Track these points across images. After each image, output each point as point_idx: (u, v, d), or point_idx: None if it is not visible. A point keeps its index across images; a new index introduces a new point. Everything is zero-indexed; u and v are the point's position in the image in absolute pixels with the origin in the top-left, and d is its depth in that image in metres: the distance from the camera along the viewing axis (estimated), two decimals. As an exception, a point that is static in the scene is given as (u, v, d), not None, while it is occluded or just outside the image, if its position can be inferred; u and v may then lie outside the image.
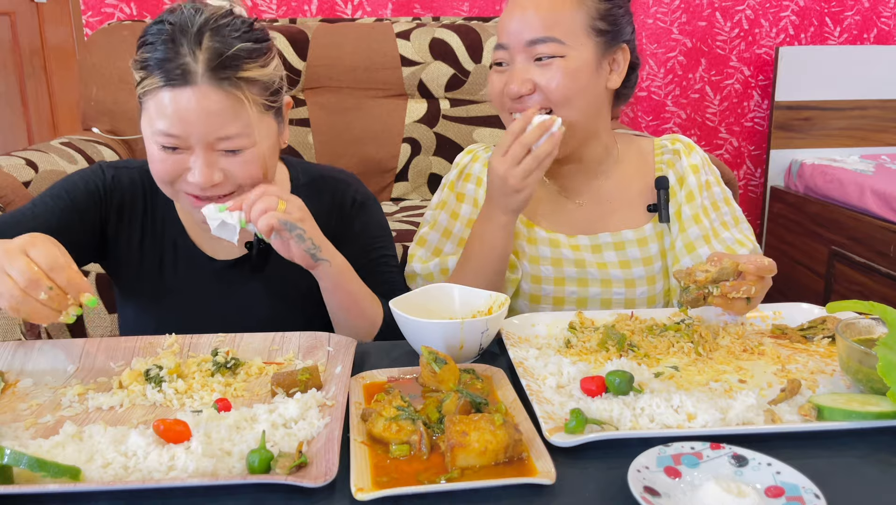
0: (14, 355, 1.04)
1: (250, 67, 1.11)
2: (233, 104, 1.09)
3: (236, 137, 1.10)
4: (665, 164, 1.38)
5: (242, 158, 1.12)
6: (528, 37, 1.24)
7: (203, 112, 1.07)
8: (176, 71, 1.07)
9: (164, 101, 1.08)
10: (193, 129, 1.08)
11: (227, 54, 1.08)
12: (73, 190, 1.24)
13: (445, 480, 0.73)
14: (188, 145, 1.10)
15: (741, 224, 1.39)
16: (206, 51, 1.08)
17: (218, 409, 0.88)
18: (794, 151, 3.26)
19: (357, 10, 2.95)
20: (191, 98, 1.07)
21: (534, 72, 1.25)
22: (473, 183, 1.41)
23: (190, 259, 1.28)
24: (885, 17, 3.29)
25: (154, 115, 1.09)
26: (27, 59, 3.32)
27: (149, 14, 2.82)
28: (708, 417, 0.82)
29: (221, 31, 1.10)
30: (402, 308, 1.04)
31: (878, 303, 0.93)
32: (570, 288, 1.34)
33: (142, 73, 1.11)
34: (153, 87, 1.09)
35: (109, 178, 1.27)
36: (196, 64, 1.07)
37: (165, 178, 1.13)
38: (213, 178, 1.11)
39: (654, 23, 3.14)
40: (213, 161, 1.11)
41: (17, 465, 0.72)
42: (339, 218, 1.32)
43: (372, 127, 2.67)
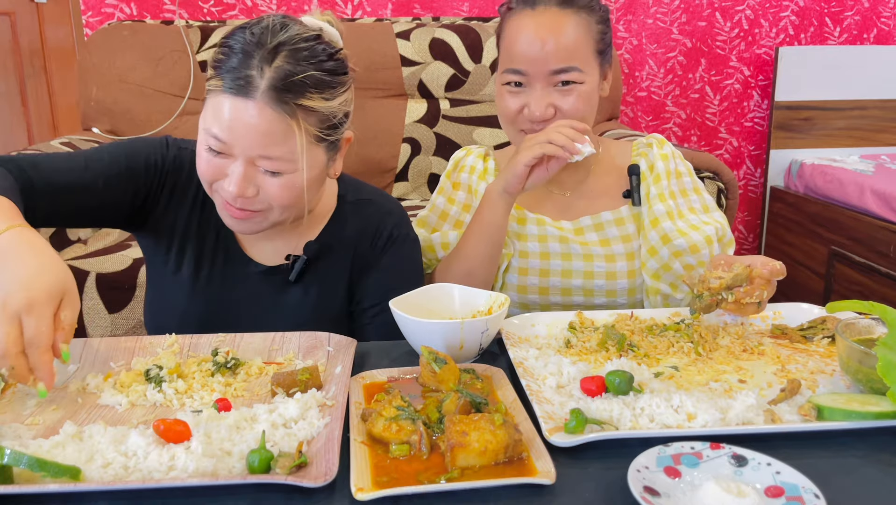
0: (14, 355, 1.04)
1: (313, 97, 1.10)
2: (284, 129, 1.08)
3: (278, 160, 1.10)
4: (639, 155, 1.48)
5: (280, 182, 1.12)
6: (552, 67, 1.30)
7: (252, 127, 1.08)
8: (239, 81, 1.07)
9: (220, 105, 1.09)
10: (239, 140, 1.09)
11: (293, 79, 1.07)
12: (133, 157, 1.23)
13: (445, 480, 0.73)
14: (231, 153, 1.10)
15: (712, 213, 1.45)
16: (274, 69, 1.07)
17: (218, 409, 0.88)
18: (794, 151, 3.26)
19: (357, 10, 2.95)
20: (245, 110, 1.07)
21: (554, 96, 1.32)
22: (467, 172, 1.52)
23: (228, 254, 1.29)
24: (885, 17, 3.29)
25: (209, 115, 1.11)
26: (27, 59, 3.32)
27: (148, 14, 2.82)
28: (708, 417, 0.83)
29: (297, 54, 1.09)
30: (402, 308, 1.04)
31: (878, 303, 0.93)
32: (554, 262, 1.41)
33: (212, 72, 1.12)
34: (216, 89, 1.10)
35: (172, 156, 1.27)
36: (260, 79, 1.07)
37: (205, 177, 1.15)
38: (245, 192, 1.11)
39: (654, 23, 3.14)
40: (251, 175, 1.11)
41: (18, 465, 0.72)
42: (369, 245, 1.30)
43: (372, 127, 2.67)
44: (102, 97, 2.54)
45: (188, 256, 1.28)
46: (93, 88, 2.55)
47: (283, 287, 1.28)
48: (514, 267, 1.43)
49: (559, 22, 1.30)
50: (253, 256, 1.29)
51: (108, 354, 1.06)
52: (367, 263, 1.29)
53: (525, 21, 1.32)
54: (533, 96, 1.33)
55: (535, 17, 1.31)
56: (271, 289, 1.28)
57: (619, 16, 3.11)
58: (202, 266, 1.28)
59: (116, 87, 2.53)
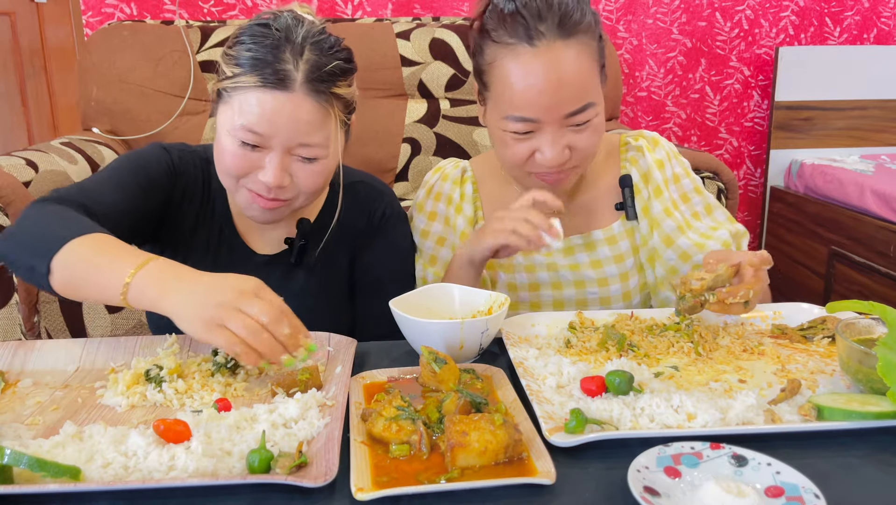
0: (14, 355, 1.04)
1: (341, 85, 1.18)
2: (322, 116, 1.15)
3: (316, 147, 1.15)
4: (629, 162, 1.38)
5: (313, 168, 1.17)
6: (566, 110, 1.18)
7: (293, 119, 1.12)
8: (275, 75, 1.11)
9: (253, 101, 1.12)
10: (280, 132, 1.12)
11: (325, 69, 1.14)
12: (151, 168, 1.25)
13: (445, 480, 0.73)
14: (268, 145, 1.14)
15: (714, 212, 1.38)
16: (306, 62, 1.13)
17: (218, 409, 0.88)
18: (794, 151, 3.26)
19: (357, 10, 2.95)
20: (285, 103, 1.11)
21: (569, 137, 1.21)
22: (444, 202, 1.41)
23: (231, 248, 1.32)
24: (885, 17, 3.29)
25: (240, 112, 1.12)
26: (27, 59, 3.32)
27: (149, 14, 2.81)
28: (708, 417, 0.83)
29: (321, 46, 1.15)
30: (402, 308, 1.04)
31: (878, 303, 0.93)
32: (545, 292, 1.37)
33: (235, 69, 1.14)
34: (246, 86, 1.12)
35: (177, 158, 1.30)
36: (297, 72, 1.12)
37: (234, 171, 1.16)
38: (283, 181, 1.15)
39: (654, 23, 3.14)
40: (288, 164, 1.16)
41: (18, 465, 0.72)
42: (366, 226, 1.35)
43: (372, 127, 2.67)
44: (102, 97, 2.54)
45: (195, 254, 1.31)
46: (93, 88, 2.54)
47: (287, 274, 1.32)
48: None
49: (566, 58, 1.16)
50: (255, 247, 1.33)
51: (108, 354, 1.06)
52: (366, 240, 1.35)
53: (526, 61, 1.16)
54: (545, 141, 1.20)
55: (538, 57, 1.16)
56: (276, 277, 1.29)
57: (619, 16, 3.11)
58: (207, 263, 1.30)
59: (116, 87, 2.53)
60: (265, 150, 1.14)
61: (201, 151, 1.34)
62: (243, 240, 1.33)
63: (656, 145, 1.38)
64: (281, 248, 1.33)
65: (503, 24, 1.19)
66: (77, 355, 1.05)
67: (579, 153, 1.23)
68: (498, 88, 1.21)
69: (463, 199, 1.42)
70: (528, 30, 1.16)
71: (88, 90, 2.55)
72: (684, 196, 1.37)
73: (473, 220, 1.41)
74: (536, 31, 1.16)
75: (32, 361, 1.04)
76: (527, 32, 1.16)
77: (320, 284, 1.33)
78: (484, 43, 1.23)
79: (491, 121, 1.27)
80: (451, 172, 1.44)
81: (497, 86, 1.21)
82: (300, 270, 1.32)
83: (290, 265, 1.31)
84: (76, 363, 1.04)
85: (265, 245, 1.33)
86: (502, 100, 1.21)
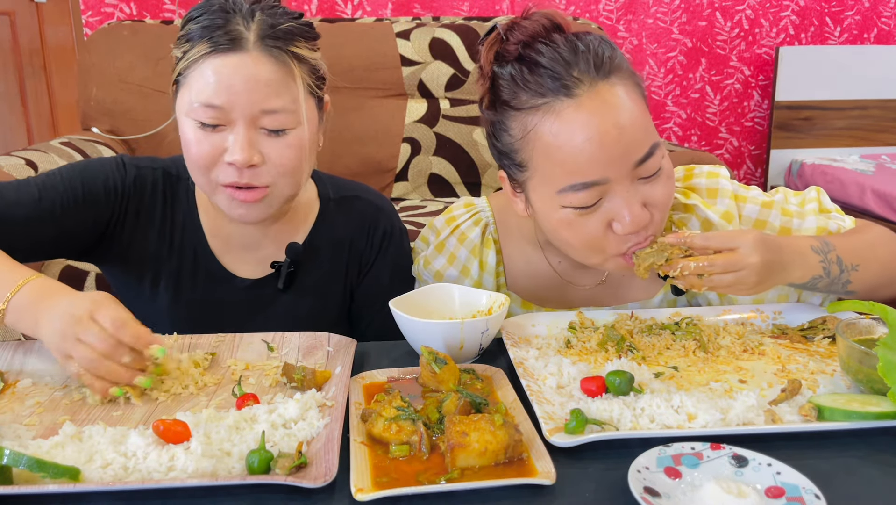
0: (14, 355, 1.04)
1: (301, 45, 1.09)
2: (283, 76, 1.06)
3: (282, 112, 1.07)
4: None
5: (285, 141, 1.08)
6: (635, 157, 0.99)
7: (251, 80, 1.04)
8: (225, 37, 1.04)
9: (209, 70, 1.04)
10: (239, 98, 1.04)
11: (280, 27, 1.07)
12: (90, 182, 1.16)
13: (445, 480, 0.73)
14: (229, 119, 1.06)
15: (793, 220, 1.17)
16: (258, 22, 1.06)
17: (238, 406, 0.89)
18: (795, 151, 3.26)
19: (357, 10, 2.95)
20: (238, 65, 1.04)
21: (644, 192, 1.01)
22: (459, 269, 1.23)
23: (209, 273, 1.22)
24: (885, 17, 3.29)
25: (196, 88, 1.05)
26: (27, 59, 3.32)
27: (148, 14, 2.81)
28: (708, 418, 0.82)
29: (273, 11, 1.09)
30: (402, 308, 1.04)
31: (878, 303, 0.93)
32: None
33: (185, 47, 1.07)
34: (198, 56, 1.05)
35: (131, 178, 1.19)
36: (248, 32, 1.05)
37: (201, 161, 1.08)
38: (251, 157, 1.05)
39: (654, 23, 3.14)
40: (254, 139, 1.07)
41: (17, 465, 0.72)
42: (367, 245, 1.27)
43: (372, 127, 2.67)
44: (102, 97, 2.54)
45: (164, 281, 1.21)
46: (93, 88, 2.54)
47: (272, 299, 1.23)
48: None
49: (614, 100, 0.98)
50: (235, 271, 1.24)
51: (108, 354, 1.06)
52: (366, 261, 1.28)
53: (572, 115, 0.97)
54: (619, 204, 1.00)
55: (583, 107, 0.97)
56: (259, 303, 1.23)
57: (619, 16, 3.11)
58: (181, 290, 1.22)
59: (116, 86, 2.53)
60: (228, 126, 1.06)
61: (169, 166, 1.23)
62: (221, 263, 1.23)
63: (716, 196, 1.17)
64: (264, 271, 1.23)
65: (525, 86, 1.00)
66: (77, 355, 1.05)
67: (658, 208, 1.03)
68: (541, 162, 1.01)
69: (483, 270, 1.22)
70: (562, 79, 0.98)
71: (88, 90, 2.55)
72: (759, 223, 1.17)
73: (495, 290, 1.23)
74: (572, 78, 0.98)
75: (32, 362, 1.03)
76: (562, 83, 0.98)
77: (311, 308, 1.24)
78: (505, 117, 1.03)
79: (542, 206, 1.05)
80: (468, 233, 1.23)
81: (539, 160, 1.01)
82: (288, 294, 1.23)
83: (275, 290, 1.22)
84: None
85: (248, 268, 1.24)
86: (552, 174, 1.01)
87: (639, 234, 1.03)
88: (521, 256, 1.24)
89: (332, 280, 1.27)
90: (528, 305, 1.25)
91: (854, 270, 1.07)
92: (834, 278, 1.07)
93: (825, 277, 1.06)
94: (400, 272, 1.30)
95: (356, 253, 1.27)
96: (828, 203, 1.23)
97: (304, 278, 1.24)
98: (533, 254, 1.24)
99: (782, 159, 3.25)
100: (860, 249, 1.10)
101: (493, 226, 1.24)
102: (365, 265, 1.28)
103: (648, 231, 1.04)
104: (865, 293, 1.11)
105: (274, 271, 1.23)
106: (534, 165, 1.02)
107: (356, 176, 1.40)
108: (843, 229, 1.18)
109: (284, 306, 1.24)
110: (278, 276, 1.22)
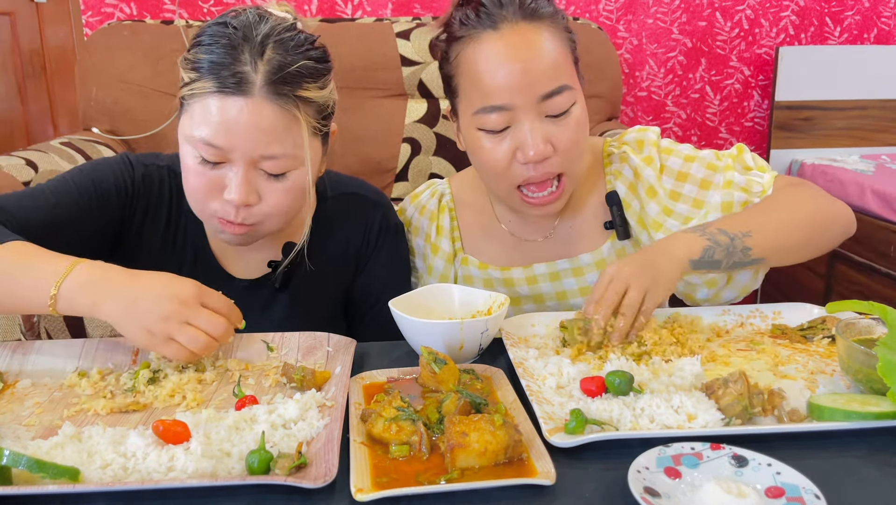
0: (13, 355, 1.04)
1: (309, 87, 1.06)
2: (286, 123, 1.04)
3: (282, 158, 1.05)
4: (613, 176, 1.30)
5: (282, 186, 1.07)
6: (541, 91, 1.09)
7: (253, 126, 1.02)
8: (232, 79, 1.01)
9: (212, 109, 1.02)
10: (239, 142, 1.03)
11: (288, 70, 1.03)
12: (101, 183, 1.15)
13: (445, 480, 0.73)
14: (229, 158, 1.04)
15: (716, 175, 1.24)
16: (267, 62, 1.02)
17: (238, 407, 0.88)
18: (795, 151, 3.26)
19: (357, 10, 2.95)
20: (243, 109, 1.01)
21: (550, 129, 1.11)
22: (422, 238, 1.35)
23: (209, 274, 1.23)
24: (885, 17, 3.28)
25: (197, 121, 1.03)
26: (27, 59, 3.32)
27: (148, 14, 2.81)
28: (708, 418, 0.82)
29: (285, 45, 1.05)
30: (402, 308, 1.04)
31: (878, 303, 0.93)
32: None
33: (192, 75, 1.05)
34: (202, 92, 1.03)
35: (139, 176, 1.19)
36: (255, 74, 1.02)
37: (198, 195, 1.08)
38: (248, 198, 1.05)
39: (654, 23, 3.13)
40: (253, 179, 1.06)
41: (16, 466, 0.72)
42: (364, 242, 1.28)
43: (372, 127, 2.67)
44: (102, 97, 2.54)
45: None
46: (93, 88, 2.54)
47: (269, 300, 1.24)
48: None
49: (534, 37, 1.10)
50: (233, 271, 1.24)
51: (108, 354, 1.06)
52: (362, 259, 1.28)
53: (491, 45, 1.10)
54: (523, 132, 1.11)
55: (503, 38, 1.10)
56: (257, 303, 1.23)
57: (619, 16, 3.10)
58: None
59: (116, 87, 2.53)
60: (226, 164, 1.05)
61: (174, 164, 1.22)
62: (219, 263, 1.24)
63: (642, 145, 1.28)
64: (262, 271, 1.24)
65: (465, 21, 1.13)
66: (76, 356, 1.05)
67: (563, 151, 1.13)
68: (465, 85, 1.14)
69: (440, 234, 1.33)
70: (490, 16, 1.11)
71: (88, 90, 2.55)
72: (681, 175, 1.26)
73: (453, 255, 1.34)
74: (499, 15, 1.11)
75: (31, 362, 1.03)
76: (489, 19, 1.11)
77: (308, 307, 1.25)
78: (448, 47, 1.17)
79: (464, 127, 1.18)
80: (427, 204, 1.36)
81: (464, 83, 1.14)
82: (285, 294, 1.24)
83: (272, 290, 1.23)
84: (75, 363, 1.04)
85: (245, 269, 1.24)
86: (471, 95, 1.13)
87: (538, 167, 1.13)
88: (475, 221, 1.35)
89: (329, 278, 1.27)
90: (485, 266, 1.32)
91: (747, 237, 1.11)
92: (727, 246, 1.10)
93: (717, 246, 1.09)
94: (397, 267, 1.31)
95: (353, 249, 1.27)
96: (749, 160, 1.27)
97: (301, 277, 1.24)
98: (485, 216, 1.34)
99: (782, 159, 3.25)
100: (747, 219, 1.14)
101: (448, 196, 1.36)
102: (362, 261, 1.28)
103: (547, 169, 1.13)
104: (779, 256, 1.15)
105: (271, 271, 1.23)
106: (461, 90, 1.15)
107: (356, 176, 1.40)
108: (761, 186, 1.23)
109: (282, 306, 1.24)
110: (275, 276, 1.23)
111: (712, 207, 1.23)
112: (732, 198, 1.22)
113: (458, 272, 1.34)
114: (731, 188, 1.23)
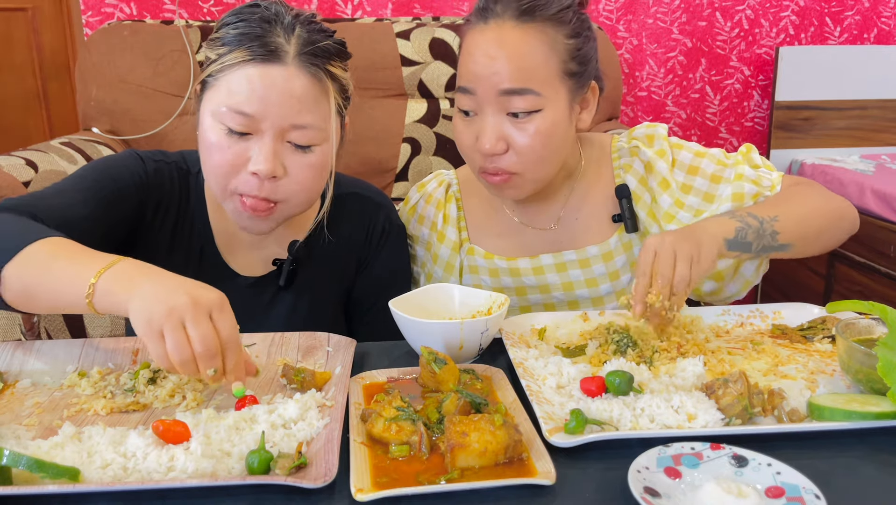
0: (13, 356, 1.04)
1: (336, 64, 1.11)
2: (318, 92, 1.08)
3: (311, 129, 1.07)
4: (622, 169, 1.31)
5: (308, 159, 1.09)
6: (502, 86, 1.13)
7: (286, 93, 1.05)
8: (266, 48, 1.04)
9: (244, 77, 1.04)
10: (272, 109, 1.04)
11: (319, 45, 1.08)
12: (119, 178, 1.16)
13: (445, 480, 0.73)
14: (258, 129, 1.06)
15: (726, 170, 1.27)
16: (297, 37, 1.07)
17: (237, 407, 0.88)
18: (795, 151, 3.26)
19: (357, 10, 2.95)
20: (277, 77, 1.04)
21: (508, 128, 1.15)
22: (427, 227, 1.37)
23: (214, 270, 1.23)
24: (885, 17, 3.28)
25: (228, 93, 1.05)
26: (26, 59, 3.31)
27: (148, 14, 2.81)
28: (708, 418, 0.82)
29: (312, 27, 1.10)
30: (402, 308, 1.04)
31: (878, 303, 0.93)
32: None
33: (221, 50, 1.07)
34: (234, 62, 1.05)
35: (151, 170, 1.20)
36: (288, 45, 1.06)
37: (223, 168, 1.07)
38: (275, 168, 1.06)
39: (654, 23, 3.13)
40: (280, 151, 1.07)
41: (16, 466, 0.72)
42: (367, 242, 1.29)
43: (372, 127, 2.67)
44: (102, 97, 2.54)
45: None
46: (92, 88, 2.54)
47: (273, 298, 1.24)
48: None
49: (513, 36, 1.13)
50: (238, 269, 1.25)
51: (108, 354, 1.06)
52: (365, 259, 1.29)
53: (477, 37, 1.17)
54: (483, 123, 1.16)
55: (485, 32, 1.15)
56: (261, 301, 1.24)
57: (619, 16, 3.11)
58: None
59: (116, 87, 2.53)
60: (255, 136, 1.06)
61: (180, 161, 1.25)
62: (225, 260, 1.24)
63: (653, 140, 1.31)
64: (267, 269, 1.24)
65: (473, 12, 1.21)
66: (76, 356, 1.05)
67: (519, 155, 1.16)
68: (459, 67, 1.21)
69: (447, 222, 1.35)
70: (486, 11, 1.17)
71: (88, 90, 2.55)
72: (692, 168, 1.28)
73: (458, 245, 1.35)
74: (492, 11, 1.16)
75: (31, 362, 1.03)
76: (484, 13, 1.17)
77: (311, 305, 1.25)
78: (460, 31, 1.25)
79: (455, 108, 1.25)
80: (434, 193, 1.38)
81: (460, 65, 1.21)
82: (289, 292, 1.24)
83: (277, 288, 1.23)
84: (75, 364, 1.04)
85: (250, 267, 1.25)
86: (459, 75, 1.20)
87: (490, 160, 1.17)
88: (482, 211, 1.37)
89: (332, 278, 1.28)
90: (490, 256, 1.33)
91: (775, 221, 1.13)
92: (757, 229, 1.11)
93: (748, 228, 1.10)
94: (399, 268, 1.32)
95: (355, 249, 1.28)
96: (757, 159, 1.31)
97: (305, 276, 1.25)
98: (492, 206, 1.36)
99: (782, 159, 3.24)
100: (769, 207, 1.16)
101: (455, 186, 1.39)
102: (364, 261, 1.29)
103: (499, 164, 1.17)
104: (801, 244, 1.17)
105: (275, 269, 1.24)
106: (458, 71, 1.21)
107: (356, 176, 1.40)
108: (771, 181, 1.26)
109: (285, 304, 1.25)
110: (279, 273, 1.23)
111: (724, 200, 1.25)
112: (743, 189, 1.24)
113: (463, 262, 1.35)
114: (741, 180, 1.25)
